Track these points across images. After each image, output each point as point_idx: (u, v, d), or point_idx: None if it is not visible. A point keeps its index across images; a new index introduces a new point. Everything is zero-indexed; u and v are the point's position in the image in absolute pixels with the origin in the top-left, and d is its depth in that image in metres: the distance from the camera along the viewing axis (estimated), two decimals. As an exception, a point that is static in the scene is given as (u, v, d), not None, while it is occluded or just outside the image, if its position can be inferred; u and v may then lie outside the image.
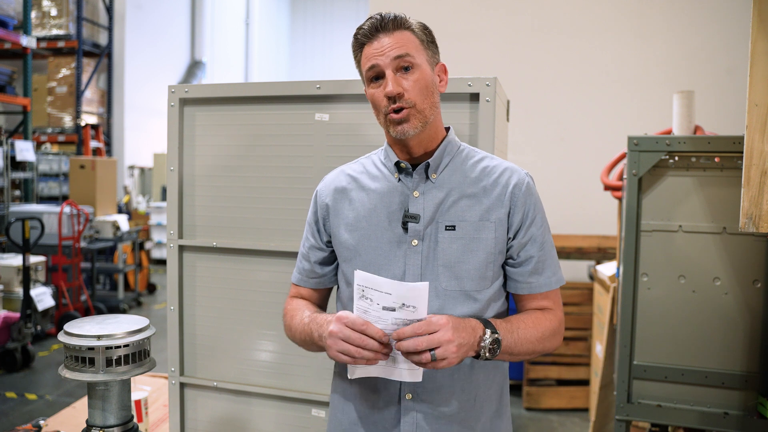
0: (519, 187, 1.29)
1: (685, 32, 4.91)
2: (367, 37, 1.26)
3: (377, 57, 1.24)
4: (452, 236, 1.26)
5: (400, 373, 1.17)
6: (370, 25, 1.26)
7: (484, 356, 1.17)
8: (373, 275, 1.12)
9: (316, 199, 1.41)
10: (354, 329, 1.13)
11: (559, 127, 5.09)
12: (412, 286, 1.10)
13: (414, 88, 1.23)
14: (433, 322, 1.11)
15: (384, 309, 1.11)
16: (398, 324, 1.12)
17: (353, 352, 1.12)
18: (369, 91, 1.28)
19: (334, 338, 1.15)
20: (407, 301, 1.10)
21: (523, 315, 1.30)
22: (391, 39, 1.24)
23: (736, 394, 2.14)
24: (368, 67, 1.25)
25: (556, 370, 4.31)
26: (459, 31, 5.09)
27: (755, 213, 1.69)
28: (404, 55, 1.23)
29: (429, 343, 1.09)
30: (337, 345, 1.14)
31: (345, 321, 1.14)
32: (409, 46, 1.24)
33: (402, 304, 1.10)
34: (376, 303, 1.11)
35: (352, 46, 1.30)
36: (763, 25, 1.65)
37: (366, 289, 1.12)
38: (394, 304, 1.11)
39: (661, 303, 2.20)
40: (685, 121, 2.60)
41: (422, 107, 1.24)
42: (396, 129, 1.25)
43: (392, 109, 1.23)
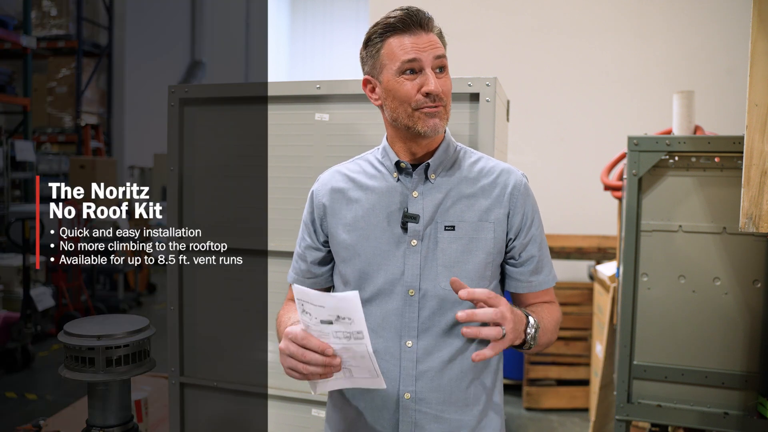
0: (518, 188, 1.30)
1: (685, 32, 4.90)
2: (406, 27, 1.23)
3: (419, 51, 1.23)
4: (452, 236, 1.26)
5: (361, 382, 1.14)
6: (408, 15, 1.23)
7: (529, 345, 1.18)
8: (306, 289, 1.08)
9: (312, 198, 1.40)
10: (296, 343, 1.10)
11: (558, 127, 5.09)
12: (341, 296, 1.05)
13: (446, 89, 1.25)
14: (496, 295, 1.10)
15: (322, 323, 1.08)
16: (339, 337, 1.08)
17: (300, 368, 1.10)
18: (398, 80, 1.24)
19: (282, 355, 1.13)
20: (341, 312, 1.06)
21: (537, 307, 1.31)
22: (429, 37, 1.24)
23: (736, 394, 2.14)
24: (407, 59, 1.23)
25: (556, 370, 4.31)
26: (459, 31, 5.08)
27: (755, 213, 1.69)
28: (443, 57, 1.25)
29: (498, 318, 1.09)
30: (285, 362, 1.12)
31: (289, 336, 1.11)
32: (442, 48, 1.26)
33: (337, 316, 1.06)
34: (314, 317, 1.08)
35: (377, 31, 1.26)
36: (763, 25, 1.65)
37: (304, 304, 1.08)
38: (330, 317, 1.07)
39: (661, 303, 2.20)
40: (685, 121, 2.60)
41: (449, 108, 1.27)
42: (428, 123, 1.24)
43: (429, 104, 1.23)
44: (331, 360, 1.09)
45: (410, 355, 1.26)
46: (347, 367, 1.12)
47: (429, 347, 1.26)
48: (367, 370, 1.11)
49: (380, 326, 1.28)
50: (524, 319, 1.18)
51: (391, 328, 1.27)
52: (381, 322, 1.28)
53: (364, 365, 1.10)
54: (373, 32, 1.28)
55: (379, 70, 1.28)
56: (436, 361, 1.26)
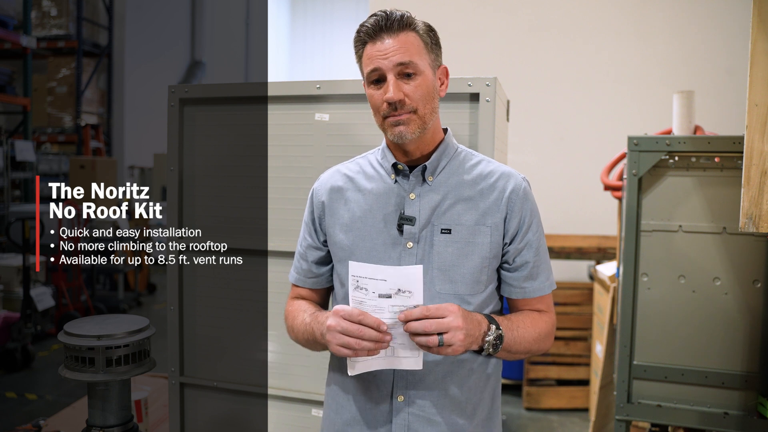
0: (516, 192, 1.29)
1: (685, 32, 4.91)
2: (370, 36, 1.23)
3: (380, 60, 1.22)
4: (447, 240, 1.26)
5: (401, 362, 1.17)
6: (374, 23, 1.23)
7: (487, 351, 1.18)
8: (366, 264, 1.12)
9: (312, 198, 1.40)
10: (351, 321, 1.13)
11: (558, 127, 5.09)
12: (406, 270, 1.11)
13: (415, 93, 1.22)
14: (444, 307, 1.12)
15: (380, 297, 1.12)
16: (395, 312, 1.12)
17: (353, 344, 1.12)
18: (369, 91, 1.27)
19: (332, 332, 1.15)
20: (402, 286, 1.10)
21: (521, 315, 1.30)
22: (395, 41, 1.22)
23: (736, 394, 2.14)
24: (370, 69, 1.24)
25: (556, 370, 4.31)
26: (459, 31, 5.09)
27: (755, 213, 1.69)
28: (407, 63, 1.21)
29: (438, 326, 1.10)
30: (336, 339, 1.14)
31: (342, 314, 1.14)
32: (412, 50, 1.22)
33: (398, 289, 1.11)
34: (371, 292, 1.12)
35: (354, 41, 1.28)
36: (763, 25, 1.65)
37: (360, 279, 1.12)
38: (390, 291, 1.11)
39: (661, 303, 2.20)
40: (685, 121, 2.60)
41: (423, 113, 1.24)
42: (393, 131, 1.24)
43: (392, 113, 1.23)
44: (383, 336, 1.12)
45: None
46: (392, 345, 1.16)
47: None
48: (411, 348, 1.14)
49: None
50: (483, 326, 1.19)
51: None
52: None
53: (410, 342, 1.14)
54: (354, 42, 1.28)
55: (364, 79, 1.29)
56: (431, 364, 1.26)
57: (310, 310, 1.34)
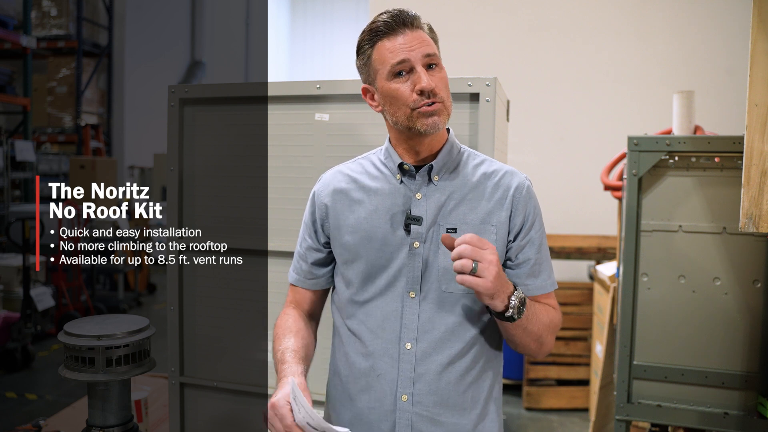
0: (520, 190, 1.29)
1: (685, 32, 4.91)
2: (391, 29, 1.23)
3: (407, 51, 1.22)
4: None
5: None
6: (391, 17, 1.24)
7: (511, 312, 1.17)
8: (305, 401, 1.10)
9: (313, 199, 1.39)
10: (282, 423, 1.11)
11: (558, 127, 5.09)
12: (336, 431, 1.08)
13: (440, 85, 1.24)
14: (486, 241, 1.14)
15: (309, 425, 1.10)
16: None
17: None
18: (392, 85, 1.24)
19: (270, 424, 1.15)
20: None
21: (535, 302, 1.29)
22: (416, 35, 1.23)
23: (736, 394, 2.14)
24: (396, 61, 1.23)
25: (556, 370, 4.31)
26: (459, 31, 5.09)
27: (755, 213, 1.69)
28: (432, 54, 1.24)
29: (475, 254, 1.11)
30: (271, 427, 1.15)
31: (278, 413, 1.12)
32: (431, 44, 1.25)
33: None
34: (303, 418, 1.10)
35: (365, 38, 1.27)
36: (763, 25, 1.65)
37: (296, 398, 1.11)
38: (318, 429, 1.09)
39: (661, 303, 2.20)
40: (685, 121, 2.60)
41: (447, 105, 1.26)
42: (426, 122, 1.23)
43: (425, 102, 1.22)
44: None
45: (409, 357, 1.26)
46: None
47: (428, 350, 1.26)
48: None
49: (380, 328, 1.28)
50: (511, 287, 1.19)
51: (390, 330, 1.27)
52: (381, 324, 1.28)
53: None
54: (362, 40, 1.28)
55: (373, 77, 1.28)
56: (435, 363, 1.26)
57: (288, 341, 1.32)
